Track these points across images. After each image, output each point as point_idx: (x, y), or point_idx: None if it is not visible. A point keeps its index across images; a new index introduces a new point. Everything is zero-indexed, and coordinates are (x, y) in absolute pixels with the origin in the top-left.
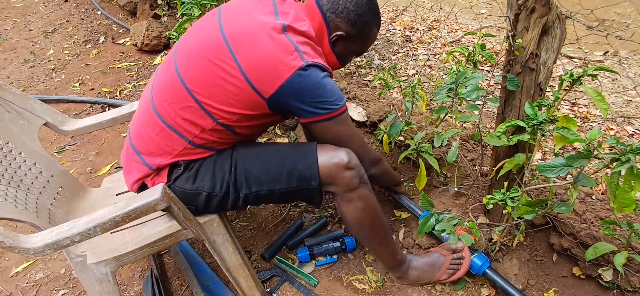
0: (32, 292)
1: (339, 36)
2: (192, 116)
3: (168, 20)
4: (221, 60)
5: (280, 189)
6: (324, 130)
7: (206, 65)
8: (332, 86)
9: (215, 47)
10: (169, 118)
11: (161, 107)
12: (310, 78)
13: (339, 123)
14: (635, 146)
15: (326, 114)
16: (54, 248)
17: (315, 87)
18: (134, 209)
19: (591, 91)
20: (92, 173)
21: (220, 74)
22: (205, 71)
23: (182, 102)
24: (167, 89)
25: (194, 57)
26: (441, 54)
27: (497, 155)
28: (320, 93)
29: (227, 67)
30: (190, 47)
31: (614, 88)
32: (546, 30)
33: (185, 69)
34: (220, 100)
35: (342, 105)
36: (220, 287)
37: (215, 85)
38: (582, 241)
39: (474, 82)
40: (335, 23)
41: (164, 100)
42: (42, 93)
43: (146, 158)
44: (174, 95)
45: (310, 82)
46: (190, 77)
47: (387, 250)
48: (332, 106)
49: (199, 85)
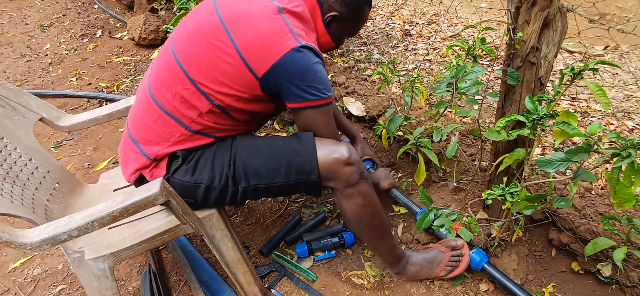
0: (30, 288)
1: (333, 16)
2: (189, 98)
3: (165, 14)
4: (217, 40)
5: (279, 182)
6: (307, 119)
7: (202, 45)
8: (323, 74)
9: (212, 27)
10: (166, 104)
11: (158, 92)
12: (304, 59)
13: (323, 114)
14: (635, 141)
15: (314, 101)
16: (51, 243)
17: (307, 69)
18: (133, 204)
19: (592, 85)
20: (89, 168)
21: (216, 53)
22: (202, 51)
23: (179, 85)
24: (164, 74)
25: (191, 38)
26: (441, 48)
27: (496, 150)
28: (311, 78)
29: (222, 46)
30: (186, 30)
31: (614, 83)
32: (547, 23)
33: (182, 51)
34: (215, 80)
35: (329, 96)
36: (219, 282)
37: (211, 65)
38: (581, 237)
39: (473, 76)
40: (329, 4)
41: (161, 85)
42: (39, 88)
43: (144, 147)
44: (170, 78)
45: (302, 64)
46: (187, 59)
47: (386, 246)
48: (320, 94)
49: (194, 66)
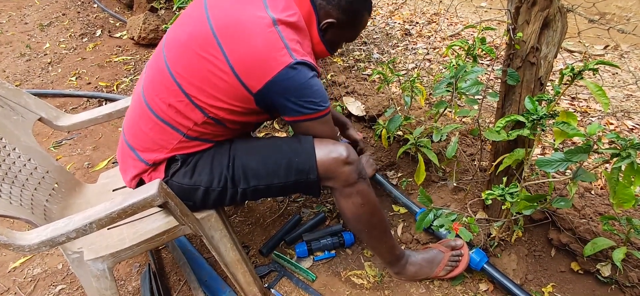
0: (30, 287)
1: (329, 23)
2: (183, 110)
3: (165, 14)
4: (209, 54)
5: (278, 183)
6: (307, 130)
7: (195, 58)
8: (319, 87)
9: (203, 39)
10: (161, 112)
11: (152, 101)
12: (298, 77)
13: (321, 124)
14: (635, 141)
15: (310, 114)
16: (50, 245)
17: (302, 86)
18: (131, 205)
19: (592, 85)
20: (89, 168)
21: (208, 68)
22: (194, 65)
23: (172, 96)
24: (157, 83)
25: (183, 50)
26: (441, 47)
27: (496, 150)
28: (306, 93)
29: (215, 61)
30: (178, 39)
31: (614, 83)
32: (547, 23)
33: (174, 62)
34: (208, 94)
35: (326, 107)
36: (218, 282)
37: (204, 79)
38: (580, 237)
39: (473, 76)
40: (326, 10)
41: (155, 94)
42: (38, 87)
43: (142, 154)
44: (163, 89)
45: (297, 81)
46: (179, 71)
47: (385, 245)
48: (316, 107)
49: (187, 80)
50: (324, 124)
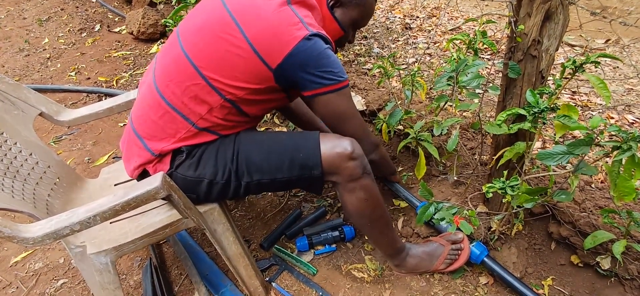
0: (32, 281)
1: (336, 1)
2: (199, 93)
3: (164, 8)
4: (228, 33)
5: (282, 178)
6: (328, 105)
7: (213, 39)
8: (335, 58)
9: (221, 21)
10: (174, 100)
11: (166, 88)
12: (315, 47)
13: (342, 97)
14: (636, 134)
15: (331, 85)
16: (53, 237)
17: (319, 56)
18: (134, 198)
19: (593, 79)
20: (89, 163)
21: (227, 48)
22: (213, 46)
23: (189, 81)
24: (172, 70)
25: (201, 34)
26: (441, 41)
27: (497, 143)
28: (324, 63)
29: (233, 39)
30: (194, 25)
31: (615, 76)
32: (549, 16)
33: (192, 46)
34: (227, 74)
35: (345, 79)
36: (219, 276)
37: (223, 60)
38: (580, 230)
39: (474, 70)
40: None
41: (169, 81)
42: (38, 82)
43: (148, 143)
44: (179, 74)
45: (314, 51)
46: (197, 54)
47: (386, 239)
48: (336, 77)
49: (206, 61)
50: (345, 97)
